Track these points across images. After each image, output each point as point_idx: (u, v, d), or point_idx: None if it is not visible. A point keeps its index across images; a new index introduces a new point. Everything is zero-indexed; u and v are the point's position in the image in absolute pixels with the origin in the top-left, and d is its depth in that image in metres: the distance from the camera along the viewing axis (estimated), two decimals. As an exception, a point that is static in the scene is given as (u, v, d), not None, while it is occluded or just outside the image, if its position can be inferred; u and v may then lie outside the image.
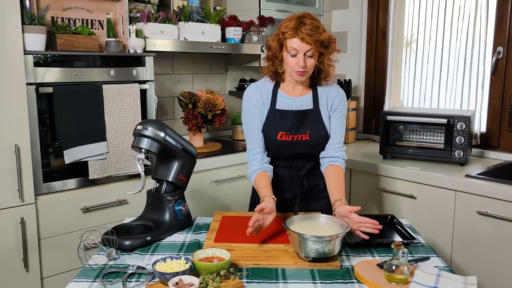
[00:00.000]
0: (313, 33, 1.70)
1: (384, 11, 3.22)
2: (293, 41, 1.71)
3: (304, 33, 1.69)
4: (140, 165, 1.70)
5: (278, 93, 1.87)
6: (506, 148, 2.70)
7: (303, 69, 1.74)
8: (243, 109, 1.92)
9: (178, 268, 1.34)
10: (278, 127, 1.83)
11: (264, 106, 1.87)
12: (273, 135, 1.84)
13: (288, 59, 1.76)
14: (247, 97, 1.90)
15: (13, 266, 2.08)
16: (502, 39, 2.65)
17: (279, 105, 1.86)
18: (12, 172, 2.04)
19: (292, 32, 1.71)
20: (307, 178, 1.93)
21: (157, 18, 2.56)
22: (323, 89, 1.89)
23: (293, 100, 1.87)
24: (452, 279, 1.34)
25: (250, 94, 1.90)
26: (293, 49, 1.72)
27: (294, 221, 1.56)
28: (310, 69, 1.77)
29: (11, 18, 1.98)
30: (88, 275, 1.41)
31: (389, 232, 1.74)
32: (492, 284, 2.22)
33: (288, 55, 1.75)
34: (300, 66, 1.73)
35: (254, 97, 1.88)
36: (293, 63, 1.74)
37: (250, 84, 1.96)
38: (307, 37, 1.69)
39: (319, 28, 1.73)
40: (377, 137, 3.11)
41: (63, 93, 2.14)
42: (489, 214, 2.19)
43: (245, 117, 1.90)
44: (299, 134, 1.84)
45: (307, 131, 1.84)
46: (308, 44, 1.70)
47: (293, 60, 1.74)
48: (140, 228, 1.73)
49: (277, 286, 1.33)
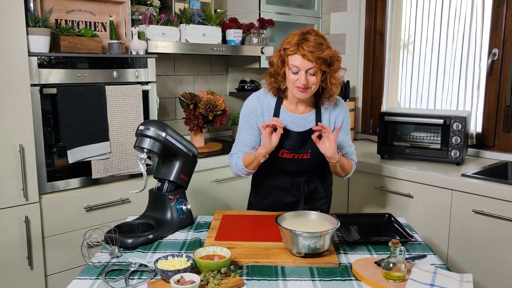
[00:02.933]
0: (315, 50, 1.63)
1: (381, 14, 3.24)
2: (294, 58, 1.65)
3: (306, 50, 1.62)
4: (142, 164, 1.70)
5: (281, 110, 1.83)
6: (502, 148, 2.70)
7: (304, 87, 1.68)
8: (241, 116, 1.91)
9: (180, 265, 1.34)
10: (280, 145, 1.78)
11: (265, 120, 1.84)
12: (275, 153, 1.81)
13: (289, 76, 1.70)
14: (247, 109, 1.87)
15: (17, 263, 2.08)
16: (497, 41, 2.66)
17: (282, 121, 1.78)
18: (17, 172, 2.04)
19: (294, 48, 1.65)
20: (307, 184, 1.94)
21: (159, 20, 2.57)
22: (327, 106, 1.85)
23: (296, 117, 1.82)
24: (449, 277, 1.35)
25: (251, 107, 1.87)
26: (294, 66, 1.66)
27: (285, 218, 1.57)
28: (313, 86, 1.70)
29: (16, 21, 1.98)
30: (91, 273, 1.41)
31: (387, 231, 1.77)
32: (488, 281, 2.23)
33: (290, 72, 1.69)
34: (302, 84, 1.67)
35: (254, 111, 1.86)
36: (294, 80, 1.69)
37: (252, 95, 1.91)
38: (308, 54, 1.62)
39: (322, 45, 1.66)
40: (375, 137, 3.13)
41: (66, 94, 2.14)
42: (485, 213, 2.20)
43: (242, 122, 1.90)
44: (300, 153, 1.83)
45: (308, 150, 1.83)
46: (309, 61, 1.63)
47: (295, 77, 1.68)
48: (142, 227, 1.73)
49: (277, 284, 1.34)
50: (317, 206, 1.98)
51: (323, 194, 2.00)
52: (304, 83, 1.67)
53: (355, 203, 2.77)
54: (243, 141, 1.90)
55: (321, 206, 2.00)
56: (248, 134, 1.88)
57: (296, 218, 1.59)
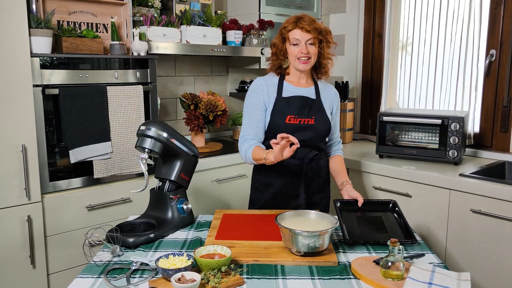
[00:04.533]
0: (311, 23, 1.88)
1: (380, 15, 3.25)
2: (294, 32, 1.89)
3: (304, 24, 1.87)
4: (143, 164, 1.71)
5: (284, 84, 2.00)
6: (499, 148, 2.71)
7: (306, 56, 1.88)
8: (246, 98, 2.00)
9: (181, 264, 1.35)
10: (286, 111, 1.94)
11: (270, 97, 1.96)
12: (282, 120, 1.93)
13: (291, 49, 1.91)
14: (253, 88, 1.99)
15: (20, 262, 2.09)
16: (495, 42, 2.67)
17: (285, 93, 1.97)
18: (19, 172, 2.05)
19: (292, 25, 1.89)
20: (309, 167, 1.99)
21: (160, 21, 2.57)
22: (323, 86, 2.04)
23: (298, 89, 1.99)
24: (447, 275, 1.35)
25: (256, 85, 2.00)
26: (295, 39, 1.88)
27: (285, 217, 1.59)
28: (313, 56, 1.91)
29: (19, 22, 1.99)
30: (93, 271, 1.42)
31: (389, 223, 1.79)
32: (485, 279, 2.24)
33: (291, 46, 1.90)
34: (303, 53, 1.88)
35: (260, 87, 1.98)
36: (296, 52, 1.89)
37: (257, 78, 2.06)
38: (306, 26, 1.87)
39: (315, 21, 1.91)
40: (374, 137, 3.14)
41: (68, 95, 2.15)
42: (482, 212, 2.21)
43: (247, 105, 1.98)
44: (305, 118, 1.95)
45: (312, 116, 1.96)
46: (307, 32, 1.87)
47: (296, 49, 1.89)
48: (143, 226, 1.74)
49: (277, 282, 1.35)
50: (316, 201, 2.02)
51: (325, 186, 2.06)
52: (306, 52, 1.88)
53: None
54: (251, 123, 1.96)
55: (321, 200, 2.06)
56: (254, 111, 1.96)
57: (296, 217, 1.61)
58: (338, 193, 2.04)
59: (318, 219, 1.60)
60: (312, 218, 1.62)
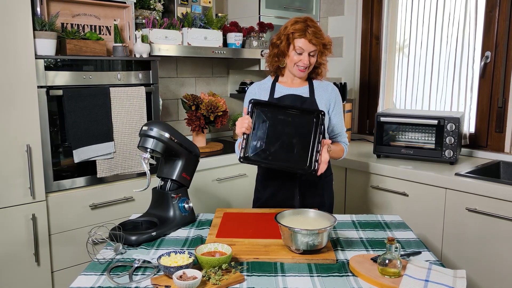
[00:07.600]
0: (318, 36, 1.90)
1: (377, 18, 3.27)
2: (301, 41, 1.89)
3: (312, 36, 1.88)
4: (145, 164, 1.72)
5: (277, 85, 2.03)
6: (494, 148, 2.73)
7: (305, 66, 1.92)
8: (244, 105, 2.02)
9: (182, 262, 1.36)
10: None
11: (261, 98, 1.99)
12: None
13: (293, 56, 1.93)
14: (247, 94, 2.05)
15: (25, 260, 2.11)
16: (490, 44, 2.69)
17: (277, 94, 2.00)
18: (24, 171, 2.07)
19: (300, 33, 1.89)
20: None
21: (162, 24, 2.59)
22: (319, 85, 2.04)
23: (290, 89, 2.01)
24: (443, 273, 1.36)
25: (249, 91, 2.06)
26: (300, 47, 1.90)
27: (284, 216, 1.60)
28: (311, 66, 1.95)
29: (23, 24, 2.01)
30: (96, 269, 1.43)
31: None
32: (481, 276, 2.26)
33: (294, 53, 1.92)
34: (304, 64, 1.91)
35: (252, 91, 2.04)
36: (297, 60, 1.92)
37: (253, 83, 2.10)
38: (313, 39, 1.88)
39: (321, 32, 1.93)
40: (371, 137, 3.15)
41: (72, 96, 2.17)
42: (478, 211, 2.23)
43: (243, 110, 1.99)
44: None
45: None
46: (313, 45, 1.90)
47: (298, 58, 1.92)
48: (145, 224, 1.76)
49: (276, 279, 1.35)
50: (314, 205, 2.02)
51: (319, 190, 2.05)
52: (307, 64, 1.92)
53: (352, 202, 2.80)
54: None
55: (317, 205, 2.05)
56: None
57: (295, 216, 1.62)
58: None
59: (317, 218, 1.61)
60: (311, 216, 1.63)
